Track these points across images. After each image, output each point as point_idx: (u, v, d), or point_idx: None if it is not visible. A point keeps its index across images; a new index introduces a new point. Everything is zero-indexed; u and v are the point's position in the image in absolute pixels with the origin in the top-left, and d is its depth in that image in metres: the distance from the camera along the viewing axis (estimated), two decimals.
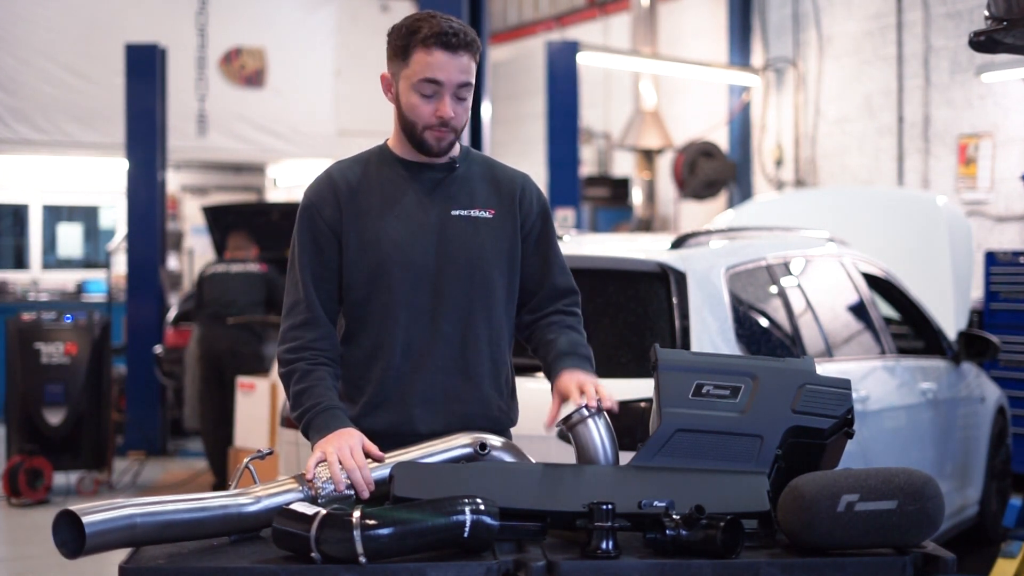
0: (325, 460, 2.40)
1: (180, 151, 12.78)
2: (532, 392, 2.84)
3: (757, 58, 12.42)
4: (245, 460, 2.45)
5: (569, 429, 2.52)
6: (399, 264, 2.65)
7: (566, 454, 2.59)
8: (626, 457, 2.49)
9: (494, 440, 2.52)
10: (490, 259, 2.70)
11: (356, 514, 2.13)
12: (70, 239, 15.15)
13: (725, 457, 2.44)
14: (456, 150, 2.75)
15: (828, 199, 8.27)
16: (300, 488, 2.36)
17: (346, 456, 2.40)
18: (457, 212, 2.69)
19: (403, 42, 2.61)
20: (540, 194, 2.82)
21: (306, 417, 2.56)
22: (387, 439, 2.59)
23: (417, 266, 2.66)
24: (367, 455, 2.44)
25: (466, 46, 2.60)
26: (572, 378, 2.60)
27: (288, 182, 15.74)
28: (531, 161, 12.50)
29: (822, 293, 5.13)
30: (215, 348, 8.07)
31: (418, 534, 2.14)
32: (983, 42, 4.31)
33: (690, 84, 13.22)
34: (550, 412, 2.60)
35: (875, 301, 5.56)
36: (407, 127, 2.66)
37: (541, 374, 2.75)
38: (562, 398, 2.60)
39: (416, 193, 2.70)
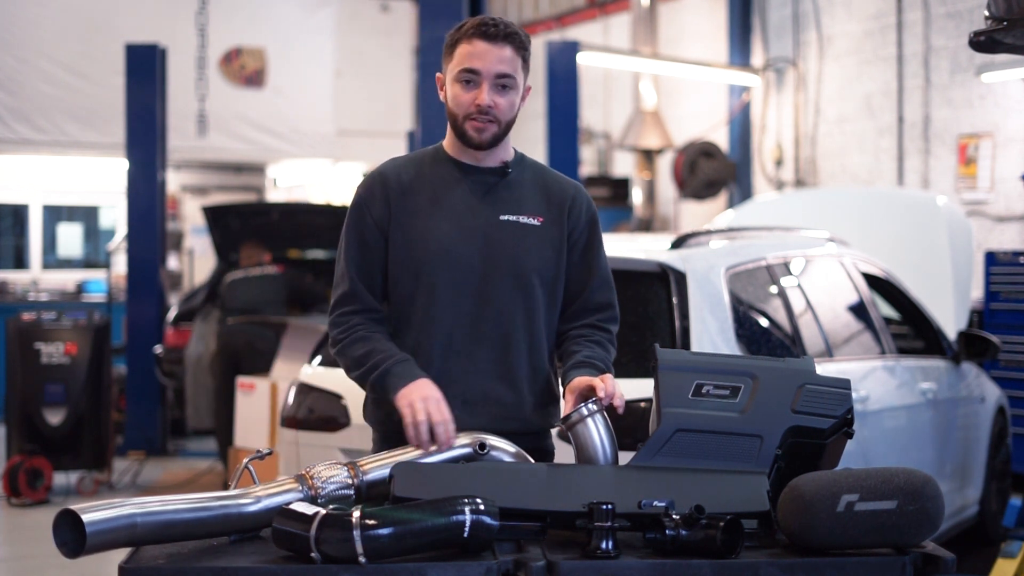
0: (414, 416, 2.48)
1: (180, 151, 12.78)
2: None
3: (757, 58, 12.41)
4: (245, 460, 2.45)
5: (569, 429, 2.52)
6: (444, 265, 2.68)
7: (566, 454, 2.58)
8: (626, 457, 2.49)
9: (494, 440, 2.52)
10: (535, 266, 2.72)
11: (356, 514, 2.13)
12: (70, 239, 15.14)
13: (725, 457, 2.44)
14: (510, 155, 2.77)
15: (828, 199, 8.27)
16: (300, 488, 2.36)
17: (434, 410, 2.48)
18: (505, 217, 2.72)
19: (451, 40, 2.69)
20: (590, 204, 2.84)
21: (381, 367, 2.60)
22: None
23: (462, 268, 2.68)
24: None
25: (506, 37, 2.64)
26: (586, 379, 2.60)
27: (288, 182, 15.74)
28: None
29: (822, 293, 5.13)
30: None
31: (418, 534, 2.14)
32: (983, 42, 4.31)
33: (690, 84, 13.21)
34: (564, 410, 2.60)
35: (875, 301, 5.56)
36: (452, 120, 2.71)
37: None
38: (575, 395, 2.59)
39: (466, 195, 2.72)
